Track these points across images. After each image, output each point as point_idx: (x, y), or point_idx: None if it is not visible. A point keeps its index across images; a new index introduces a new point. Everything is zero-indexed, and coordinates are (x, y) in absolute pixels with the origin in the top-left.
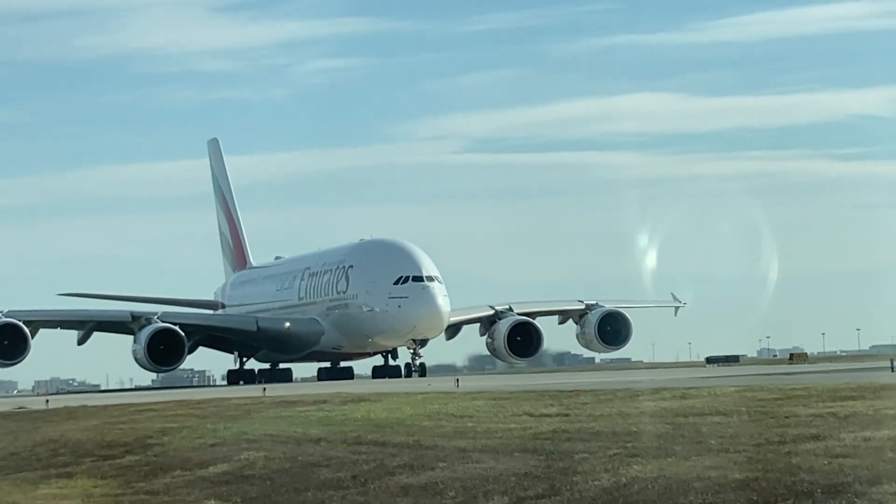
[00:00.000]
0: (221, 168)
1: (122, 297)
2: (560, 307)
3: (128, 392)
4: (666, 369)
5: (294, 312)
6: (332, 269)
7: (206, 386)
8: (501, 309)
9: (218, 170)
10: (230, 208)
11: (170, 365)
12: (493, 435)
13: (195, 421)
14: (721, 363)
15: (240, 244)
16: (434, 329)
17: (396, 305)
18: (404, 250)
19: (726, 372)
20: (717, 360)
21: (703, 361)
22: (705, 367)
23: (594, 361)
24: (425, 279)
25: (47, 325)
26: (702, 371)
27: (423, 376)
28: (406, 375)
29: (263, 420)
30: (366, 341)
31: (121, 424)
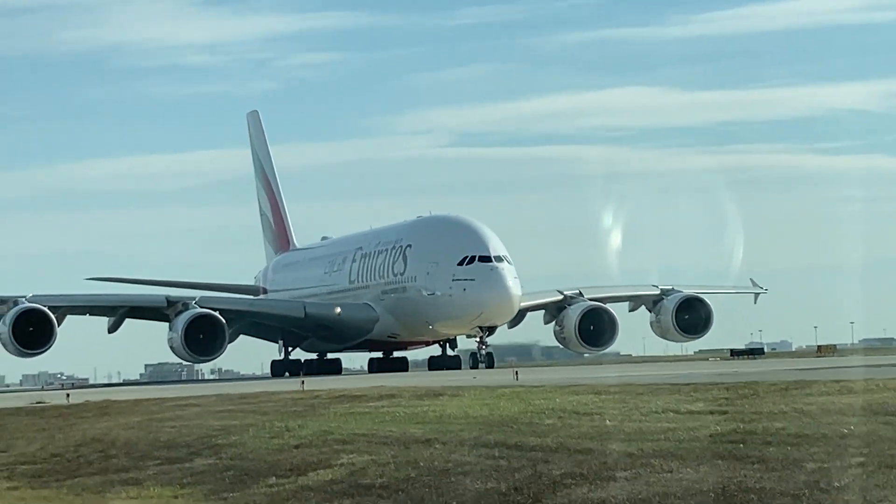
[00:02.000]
0: (262, 143)
1: (156, 282)
2: (632, 292)
3: (147, 386)
4: (688, 362)
5: (345, 297)
6: (388, 249)
7: (203, 381)
8: (571, 294)
9: (258, 145)
10: (272, 186)
11: (209, 354)
12: (653, 437)
13: (256, 418)
14: (746, 356)
15: (282, 224)
16: (503, 315)
17: (461, 289)
18: (469, 227)
19: (787, 365)
20: (742, 353)
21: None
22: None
23: (584, 357)
24: (493, 259)
25: (75, 312)
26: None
27: (491, 367)
28: (472, 366)
29: (337, 417)
30: (425, 329)
31: (168, 422)
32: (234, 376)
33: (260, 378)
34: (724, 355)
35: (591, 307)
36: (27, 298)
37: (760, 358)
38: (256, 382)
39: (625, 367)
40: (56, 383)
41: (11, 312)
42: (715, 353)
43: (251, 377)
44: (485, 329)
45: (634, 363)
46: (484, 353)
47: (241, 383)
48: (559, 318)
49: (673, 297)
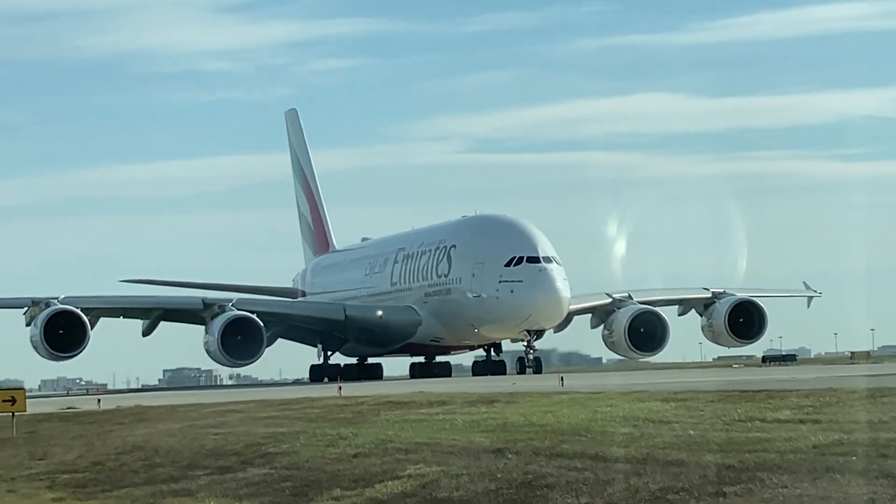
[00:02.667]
0: (301, 142)
1: (191, 284)
2: (683, 295)
3: (173, 391)
4: (713, 369)
5: (386, 300)
6: (431, 249)
7: (222, 387)
8: (620, 297)
9: (297, 143)
10: (311, 186)
11: (247, 359)
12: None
13: (304, 425)
14: (779, 362)
15: (322, 225)
16: (552, 318)
17: (508, 291)
18: (516, 227)
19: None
20: (774, 359)
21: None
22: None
23: (601, 362)
24: (542, 260)
25: (109, 314)
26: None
27: (539, 373)
28: (519, 371)
29: (391, 425)
30: (470, 332)
31: (211, 428)
32: (253, 382)
33: (281, 384)
34: (747, 361)
35: (641, 310)
36: (59, 300)
37: (793, 364)
38: (294, 388)
39: (656, 373)
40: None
41: (43, 314)
42: (736, 360)
43: (270, 383)
44: (532, 333)
45: (665, 369)
46: (532, 358)
47: (274, 389)
48: (608, 321)
49: (725, 301)
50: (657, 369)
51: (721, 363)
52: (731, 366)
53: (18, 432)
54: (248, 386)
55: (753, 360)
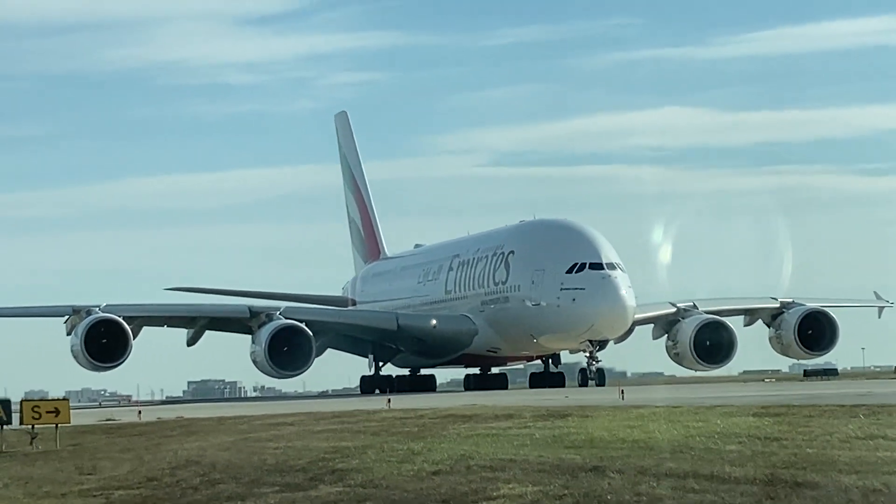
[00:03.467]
0: (351, 145)
1: (238, 292)
2: (750, 305)
3: (214, 403)
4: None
5: (440, 308)
6: (488, 256)
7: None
8: (685, 306)
9: (347, 148)
10: (362, 191)
11: (295, 369)
12: (888, 469)
13: (369, 439)
14: (821, 376)
15: (372, 232)
16: (617, 328)
17: (570, 299)
18: (579, 232)
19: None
20: (816, 373)
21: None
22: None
23: (626, 376)
24: (605, 266)
25: (152, 323)
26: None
27: (602, 385)
28: (581, 384)
29: (464, 439)
30: (529, 343)
31: (268, 442)
32: (277, 394)
33: (306, 396)
34: (778, 375)
35: (707, 320)
36: (101, 308)
37: (836, 378)
38: (340, 400)
39: (701, 386)
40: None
41: (84, 323)
42: (765, 374)
43: (294, 395)
44: (595, 343)
45: (698, 383)
46: (594, 370)
47: (321, 401)
48: (672, 332)
49: (795, 311)
50: (690, 383)
51: (748, 377)
52: (762, 380)
53: (62, 445)
54: (275, 399)
55: (784, 375)
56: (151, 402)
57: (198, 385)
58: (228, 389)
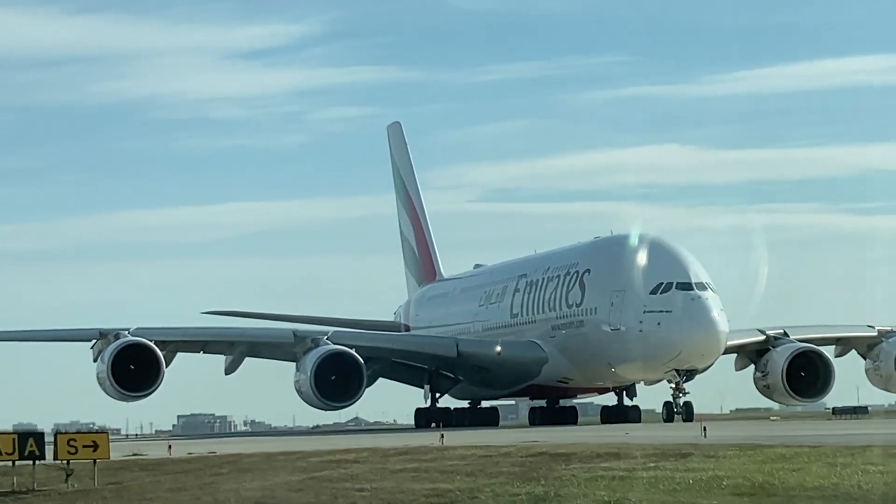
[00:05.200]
0: (405, 158)
1: (281, 317)
2: (845, 333)
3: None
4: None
5: (505, 334)
6: (560, 275)
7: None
8: (775, 334)
9: (401, 161)
10: (416, 207)
11: (345, 400)
12: None
13: (468, 481)
14: (850, 415)
15: (427, 251)
16: (707, 356)
17: (655, 323)
18: (663, 248)
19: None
20: (846, 412)
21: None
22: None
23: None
24: (695, 287)
25: (187, 348)
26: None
27: (690, 420)
28: (666, 419)
29: (591, 483)
30: (605, 372)
31: (343, 483)
32: (268, 430)
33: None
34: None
35: (800, 349)
36: (130, 332)
37: (865, 418)
38: (394, 435)
39: (781, 424)
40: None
41: (111, 348)
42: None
43: (285, 431)
44: (682, 373)
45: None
46: (682, 404)
47: (375, 435)
48: (761, 362)
49: (895, 341)
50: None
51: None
52: (768, 418)
53: (100, 483)
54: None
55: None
56: (143, 436)
57: (187, 419)
58: (218, 424)
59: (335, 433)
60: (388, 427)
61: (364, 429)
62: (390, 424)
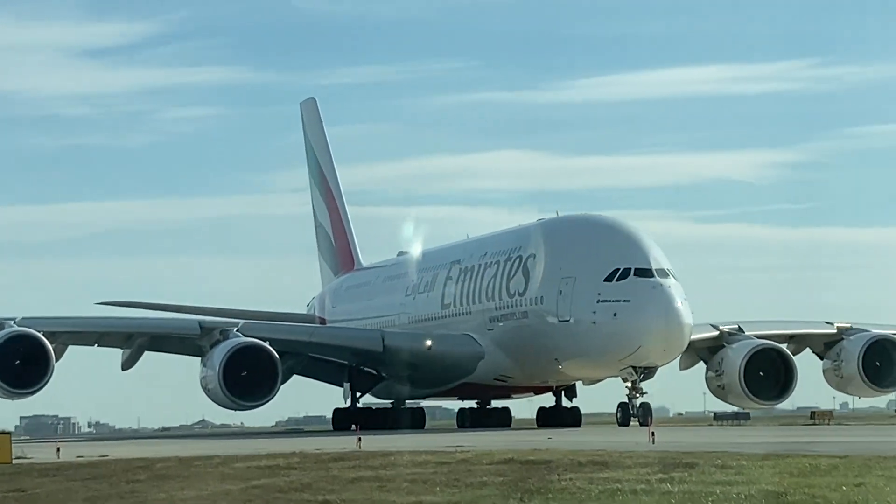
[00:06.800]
0: (319, 137)
1: (184, 308)
2: (803, 329)
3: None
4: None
5: (436, 327)
6: (500, 261)
7: (86, 439)
8: (729, 330)
9: (315, 138)
10: (332, 189)
11: (256, 399)
12: None
13: (458, 494)
14: (731, 421)
15: (345, 237)
16: (670, 351)
17: (610, 314)
18: (620, 230)
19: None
20: (727, 417)
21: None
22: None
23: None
24: (655, 273)
25: (79, 340)
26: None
27: (646, 424)
28: (621, 422)
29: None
30: (551, 369)
31: (297, 493)
32: (114, 433)
33: (148, 436)
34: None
35: (759, 347)
36: (16, 321)
37: (747, 424)
38: (304, 438)
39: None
40: None
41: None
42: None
43: (131, 434)
44: (639, 370)
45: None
46: (638, 405)
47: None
48: (714, 360)
49: (858, 339)
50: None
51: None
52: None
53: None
54: (110, 438)
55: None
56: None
57: (30, 420)
58: (62, 425)
59: (185, 437)
60: (240, 430)
61: (229, 432)
62: (238, 427)
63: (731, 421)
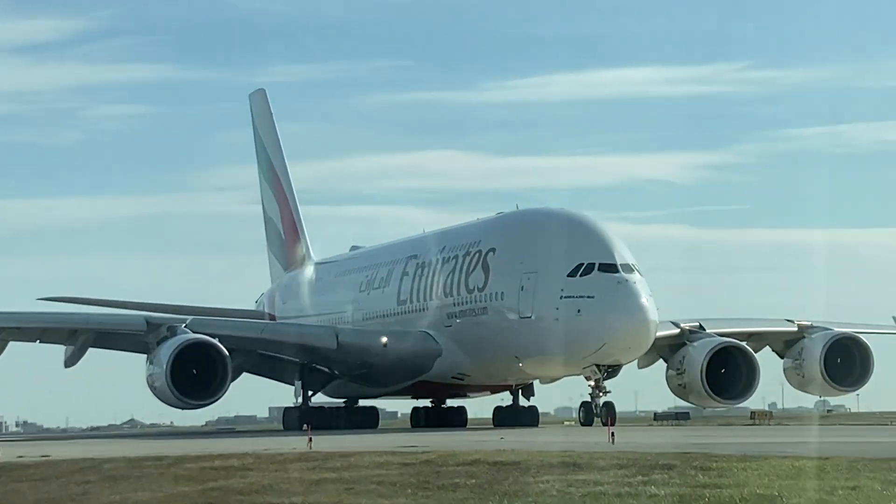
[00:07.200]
0: (269, 128)
1: (130, 304)
2: (763, 328)
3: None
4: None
5: (391, 324)
6: (459, 255)
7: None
8: (690, 327)
9: (264, 131)
10: (282, 181)
11: (205, 398)
12: None
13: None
14: (671, 421)
15: (295, 232)
16: (635, 348)
17: (574, 310)
18: (584, 225)
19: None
20: (667, 417)
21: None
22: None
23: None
24: (620, 269)
25: (22, 337)
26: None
27: (612, 424)
28: (584, 422)
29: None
30: (510, 367)
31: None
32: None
33: (77, 436)
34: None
35: (721, 345)
36: None
37: (686, 424)
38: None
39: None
40: None
41: None
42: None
43: (60, 434)
44: (603, 369)
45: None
46: (602, 404)
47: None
48: (675, 358)
49: (819, 337)
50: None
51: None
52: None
53: None
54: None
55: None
56: None
57: None
58: None
59: (115, 436)
60: (170, 430)
61: (160, 432)
62: (168, 427)
63: (671, 421)
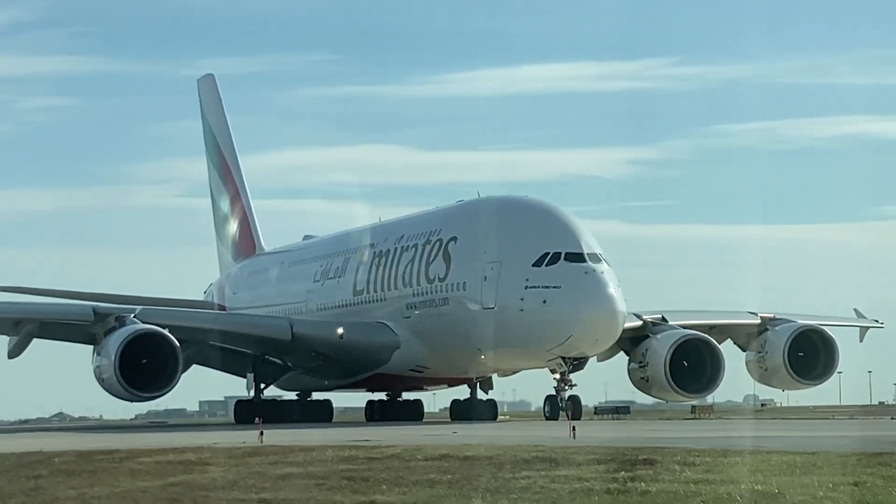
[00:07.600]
0: (218, 114)
1: (77, 294)
2: (726, 320)
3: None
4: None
5: (347, 315)
6: (418, 245)
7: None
8: (652, 319)
9: (213, 117)
10: (231, 170)
11: (154, 390)
12: None
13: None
14: (611, 415)
15: (246, 220)
16: (602, 340)
17: (539, 301)
18: (549, 213)
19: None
20: (607, 411)
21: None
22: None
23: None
24: (587, 258)
25: None
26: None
27: (577, 418)
28: (550, 416)
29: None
30: (472, 360)
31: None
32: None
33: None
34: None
35: (685, 337)
36: None
37: (627, 418)
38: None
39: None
40: None
41: None
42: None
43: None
44: (569, 361)
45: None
46: (567, 398)
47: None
48: (638, 350)
49: (783, 329)
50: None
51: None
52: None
53: None
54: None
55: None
56: None
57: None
58: None
59: (49, 430)
60: (99, 424)
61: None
62: (97, 420)
63: (611, 415)
